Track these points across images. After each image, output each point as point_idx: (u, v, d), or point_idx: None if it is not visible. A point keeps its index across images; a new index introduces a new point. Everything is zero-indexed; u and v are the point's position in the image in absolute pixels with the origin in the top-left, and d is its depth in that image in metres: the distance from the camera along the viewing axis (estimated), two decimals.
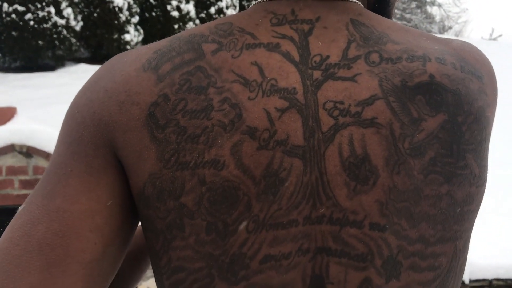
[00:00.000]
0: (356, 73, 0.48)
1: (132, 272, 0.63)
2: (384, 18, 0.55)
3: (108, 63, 0.53)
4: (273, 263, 0.46)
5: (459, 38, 0.60)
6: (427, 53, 0.51)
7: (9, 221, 0.49)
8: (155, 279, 0.52)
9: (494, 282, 3.45)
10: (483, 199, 0.57)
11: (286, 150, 0.46)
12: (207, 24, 0.53)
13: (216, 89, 0.47)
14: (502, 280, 3.44)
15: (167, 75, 0.48)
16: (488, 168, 0.56)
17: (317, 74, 0.48)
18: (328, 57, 0.49)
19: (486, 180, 0.53)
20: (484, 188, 0.53)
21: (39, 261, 0.44)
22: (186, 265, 0.47)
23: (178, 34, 0.53)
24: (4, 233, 0.46)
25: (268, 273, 0.46)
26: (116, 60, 0.52)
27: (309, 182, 0.46)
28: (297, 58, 0.49)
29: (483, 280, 3.43)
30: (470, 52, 0.55)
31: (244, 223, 0.46)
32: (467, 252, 0.54)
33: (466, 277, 3.39)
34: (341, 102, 0.47)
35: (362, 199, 0.46)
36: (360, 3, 0.55)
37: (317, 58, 0.49)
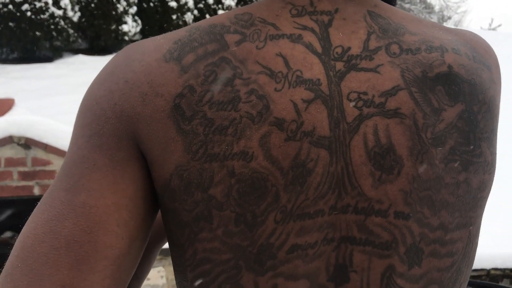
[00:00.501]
0: (378, 64, 0.49)
1: (142, 264, 0.63)
2: (397, 8, 0.56)
3: (123, 53, 0.51)
4: (300, 252, 0.47)
5: (460, 28, 0.60)
6: (444, 44, 0.52)
7: (8, 212, 0.48)
8: (176, 272, 0.52)
9: (492, 272, 3.47)
10: None
11: (312, 141, 0.46)
12: (225, 14, 0.53)
13: (243, 81, 0.47)
14: (500, 269, 3.46)
15: (191, 66, 0.48)
16: None
17: (339, 65, 0.48)
18: (349, 48, 0.49)
19: (495, 166, 0.54)
20: (494, 175, 0.54)
21: (67, 258, 0.43)
22: (212, 256, 0.47)
23: (195, 24, 0.52)
24: (25, 230, 0.45)
25: (294, 262, 0.47)
26: (132, 50, 0.51)
27: (335, 172, 0.47)
28: (319, 49, 0.49)
29: (481, 269, 3.45)
30: (478, 42, 0.56)
31: (273, 214, 0.46)
32: (478, 238, 0.55)
33: None
34: (365, 93, 0.47)
35: (387, 188, 0.47)
36: None
37: (339, 50, 0.49)
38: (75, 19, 10.88)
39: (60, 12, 10.51)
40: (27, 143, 3.12)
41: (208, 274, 0.48)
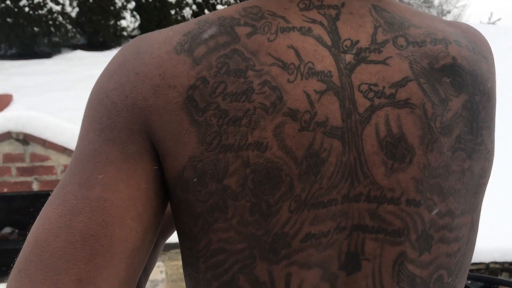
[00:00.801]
0: (387, 56, 0.50)
1: (149, 258, 0.63)
2: (398, 2, 0.57)
3: (130, 46, 0.51)
4: (313, 241, 0.48)
5: (455, 21, 0.60)
6: (446, 36, 0.54)
7: (6, 208, 0.48)
8: (187, 264, 0.52)
9: (491, 265, 3.47)
10: None
11: (326, 131, 0.47)
12: (233, 7, 0.53)
13: (255, 72, 0.48)
14: (499, 263, 3.47)
15: (203, 58, 0.48)
16: None
17: (349, 58, 0.49)
18: (358, 41, 0.50)
19: (494, 154, 0.56)
20: (493, 162, 0.56)
21: (83, 252, 0.43)
22: (227, 246, 0.48)
23: (203, 17, 0.52)
24: (38, 225, 0.45)
25: (308, 251, 0.48)
26: (141, 42, 0.51)
27: (348, 162, 0.48)
28: (329, 42, 0.50)
29: (480, 263, 3.46)
30: (475, 34, 0.58)
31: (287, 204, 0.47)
32: (478, 224, 0.57)
33: None
34: (375, 84, 0.49)
35: (399, 176, 0.48)
36: None
37: (348, 43, 0.50)
38: (73, 14, 10.85)
39: (58, 8, 10.48)
40: (26, 139, 3.11)
41: (222, 264, 0.49)
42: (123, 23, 11.31)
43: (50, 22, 10.40)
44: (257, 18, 0.51)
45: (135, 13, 11.73)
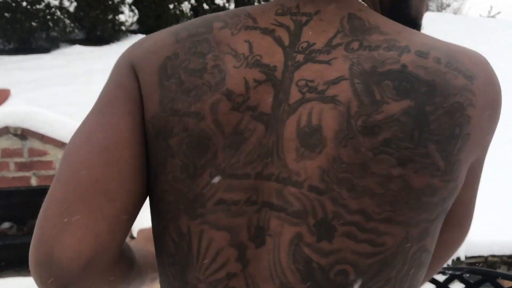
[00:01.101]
0: (333, 57, 0.54)
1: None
2: (380, 16, 0.58)
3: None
4: (224, 206, 0.55)
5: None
6: (410, 45, 0.54)
7: (5, 203, 0.52)
8: (151, 213, 0.63)
9: (490, 259, 3.48)
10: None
11: (254, 115, 0.54)
12: (232, 9, 0.64)
13: (213, 57, 0.57)
14: (497, 256, 3.48)
15: (182, 40, 0.60)
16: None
17: (300, 57, 0.55)
18: (314, 44, 0.55)
19: (458, 178, 0.53)
20: (455, 185, 0.53)
21: (99, 159, 0.56)
22: (164, 197, 0.58)
23: (205, 15, 0.65)
24: (66, 148, 0.59)
25: (218, 214, 0.55)
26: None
27: (267, 144, 0.54)
28: (286, 42, 0.56)
29: (479, 256, 3.47)
30: (467, 54, 0.56)
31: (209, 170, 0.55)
32: (430, 245, 0.55)
33: (462, 254, 3.42)
34: (312, 81, 0.53)
35: (306, 163, 0.52)
36: (363, 2, 0.59)
37: (304, 45, 0.56)
38: (71, 9, 10.80)
39: (56, 2, 10.43)
40: (24, 134, 3.11)
41: (161, 212, 0.59)
42: (122, 17, 11.26)
43: (48, 17, 10.36)
44: (233, 16, 0.60)
45: (133, 7, 11.68)
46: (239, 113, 0.54)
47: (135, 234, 2.94)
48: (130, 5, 11.63)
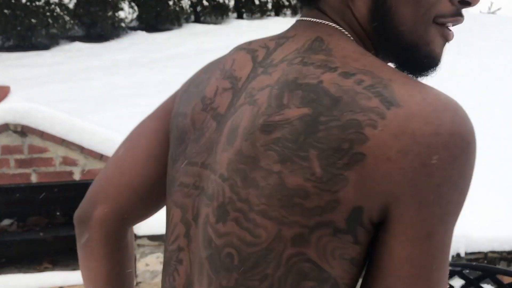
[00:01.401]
0: (274, 70, 0.61)
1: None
2: (347, 41, 0.61)
3: None
4: (181, 188, 0.67)
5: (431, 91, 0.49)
6: (342, 68, 0.56)
7: (5, 200, 0.54)
8: None
9: (489, 255, 3.49)
10: (476, 174, 0.52)
11: (213, 115, 0.66)
12: None
13: (211, 72, 0.71)
14: (497, 252, 3.48)
15: (209, 64, 0.76)
16: (486, 142, 0.54)
17: (260, 70, 0.63)
18: (273, 59, 0.63)
19: (336, 191, 0.51)
20: (335, 200, 0.51)
21: (128, 145, 0.79)
22: (167, 174, 0.73)
23: None
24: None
25: (178, 194, 0.67)
26: None
27: (213, 139, 0.64)
28: (260, 59, 0.65)
29: (479, 252, 3.47)
30: (429, 95, 0.52)
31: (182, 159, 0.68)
32: (316, 258, 0.53)
33: (461, 250, 3.43)
34: (253, 89, 0.61)
35: (223, 155, 0.60)
36: (342, 28, 0.62)
37: (269, 61, 0.63)
38: (71, 6, 10.77)
39: None
40: (24, 131, 3.11)
41: (165, 184, 0.74)
42: (121, 14, 11.23)
43: (48, 14, 10.33)
44: (245, 44, 0.71)
45: (133, 4, 11.65)
46: (205, 112, 0.67)
47: (136, 232, 2.95)
48: (130, 2, 11.60)
